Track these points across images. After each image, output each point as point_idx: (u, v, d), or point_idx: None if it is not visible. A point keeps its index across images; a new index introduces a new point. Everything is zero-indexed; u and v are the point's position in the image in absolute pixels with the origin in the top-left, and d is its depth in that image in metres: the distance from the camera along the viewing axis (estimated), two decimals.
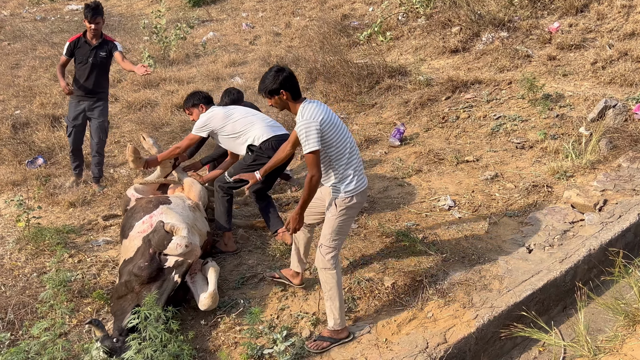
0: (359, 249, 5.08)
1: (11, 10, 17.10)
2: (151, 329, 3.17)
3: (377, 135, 7.29)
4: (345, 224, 4.12)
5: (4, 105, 9.45)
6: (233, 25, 13.33)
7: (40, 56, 11.98)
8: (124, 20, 14.95)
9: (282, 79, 3.86)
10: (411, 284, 4.58)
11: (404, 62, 9.34)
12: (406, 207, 5.60)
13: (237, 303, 4.66)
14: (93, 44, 6.47)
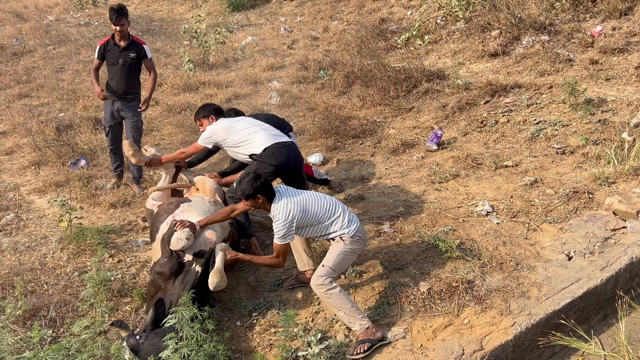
0: (394, 253, 5.05)
1: (56, 15, 17.58)
2: (188, 328, 3.22)
3: (414, 139, 7.24)
4: (351, 255, 4.40)
5: (48, 107, 9.72)
6: (271, 30, 13.42)
7: (84, 60, 12.27)
8: (165, 25, 15.20)
9: (259, 184, 4.25)
10: (447, 289, 4.53)
11: (442, 65, 9.27)
12: (443, 212, 5.55)
13: (272, 305, 4.69)
14: (122, 46, 6.63)
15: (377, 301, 4.54)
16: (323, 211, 4.34)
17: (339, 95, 9.16)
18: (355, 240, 4.34)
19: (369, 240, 5.28)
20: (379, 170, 6.70)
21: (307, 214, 4.29)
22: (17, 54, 13.26)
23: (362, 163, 6.99)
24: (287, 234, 4.25)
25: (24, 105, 9.91)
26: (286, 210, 4.24)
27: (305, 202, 4.32)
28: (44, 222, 6.24)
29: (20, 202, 6.73)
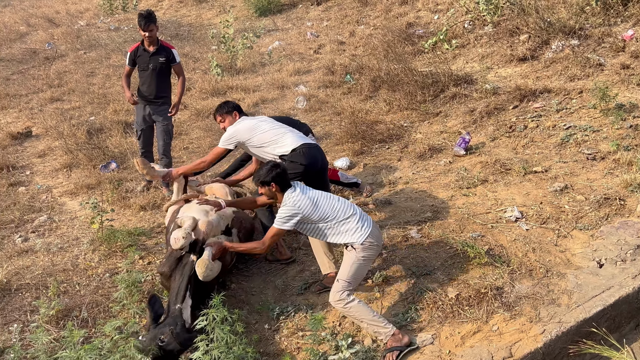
0: (422, 259, 5.04)
1: (87, 20, 17.88)
2: (218, 330, 3.26)
3: (441, 144, 7.22)
4: (365, 263, 4.34)
5: (79, 111, 9.89)
6: (298, 35, 13.48)
7: (114, 65, 12.46)
8: (193, 30, 15.36)
9: (275, 173, 4.37)
10: (476, 296, 4.51)
11: (469, 70, 9.22)
12: (471, 218, 5.52)
13: (299, 309, 4.72)
14: (151, 51, 6.74)
15: (404, 306, 4.53)
16: (334, 210, 4.35)
17: (365, 100, 9.17)
18: (366, 247, 4.29)
19: (396, 245, 5.28)
20: (405, 175, 6.69)
21: (317, 209, 4.32)
22: (49, 59, 13.52)
23: (389, 168, 6.98)
24: (287, 220, 4.31)
25: (56, 108, 10.10)
26: (296, 199, 4.33)
27: (318, 198, 4.39)
28: (75, 223, 6.35)
29: (53, 204, 6.86)
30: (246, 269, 5.40)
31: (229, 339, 3.45)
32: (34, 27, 17.23)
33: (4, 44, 15.37)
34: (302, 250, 5.53)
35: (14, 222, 6.43)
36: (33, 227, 6.35)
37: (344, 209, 4.38)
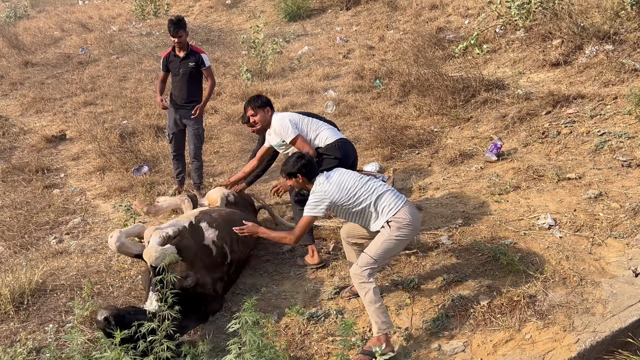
0: (453, 265, 5.00)
1: (119, 25, 18.18)
2: (250, 334, 3.27)
3: (472, 149, 7.16)
4: (397, 244, 4.27)
5: (112, 115, 10.05)
6: (327, 39, 13.53)
7: (146, 69, 12.65)
8: (223, 35, 15.51)
9: (301, 164, 4.43)
10: (508, 304, 4.45)
11: (501, 75, 9.14)
12: (503, 225, 5.46)
13: (329, 313, 4.71)
14: (181, 56, 6.87)
15: (435, 313, 4.50)
16: (363, 191, 4.33)
17: (395, 105, 9.15)
18: (401, 225, 4.22)
19: (427, 251, 5.25)
20: (436, 181, 6.65)
21: (345, 192, 4.32)
22: (82, 63, 13.78)
23: (419, 173, 6.95)
24: (315, 207, 4.33)
25: (89, 112, 10.28)
26: (323, 185, 4.36)
27: (345, 181, 4.38)
28: (108, 226, 6.45)
29: (86, 207, 6.98)
30: (276, 272, 5.42)
31: (260, 343, 3.46)
32: (67, 32, 17.59)
33: (39, 49, 15.71)
34: (331, 255, 5.52)
35: (48, 224, 6.56)
36: (67, 229, 6.47)
37: (374, 187, 4.37)
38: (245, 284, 5.25)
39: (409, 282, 4.82)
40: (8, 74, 13.35)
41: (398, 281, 4.90)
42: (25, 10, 23.42)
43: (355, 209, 4.34)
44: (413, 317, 4.52)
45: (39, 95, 11.49)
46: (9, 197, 7.23)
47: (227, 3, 18.64)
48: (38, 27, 18.88)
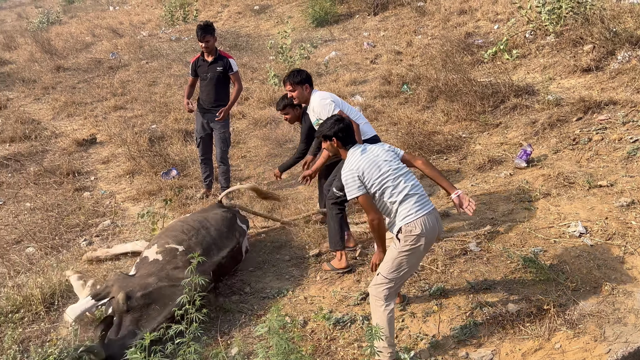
0: (481, 272, 4.95)
1: (149, 31, 18.42)
2: (277, 338, 3.27)
3: (501, 156, 7.08)
4: (408, 259, 3.99)
5: (142, 119, 10.18)
6: (354, 45, 13.53)
7: (175, 74, 12.79)
8: (251, 41, 15.61)
9: (338, 128, 4.20)
10: (537, 312, 4.39)
11: (531, 80, 9.04)
12: (533, 232, 5.39)
13: (355, 319, 4.69)
14: (209, 61, 6.93)
15: (463, 321, 4.45)
16: (391, 179, 4.05)
17: (422, 110, 9.10)
18: (410, 235, 3.92)
19: (455, 258, 5.20)
20: (464, 187, 6.59)
21: (377, 173, 4.05)
22: (113, 68, 13.99)
23: (447, 179, 6.89)
24: (353, 186, 4.06)
25: (119, 116, 10.43)
26: (355, 157, 4.14)
27: (378, 157, 4.13)
28: (137, 229, 6.52)
29: (116, 209, 7.07)
30: (303, 277, 5.42)
31: (287, 347, 3.46)
32: (98, 38, 17.87)
33: (70, 54, 16.00)
34: (357, 261, 5.51)
35: (79, 226, 6.66)
36: (97, 231, 6.56)
37: (404, 186, 4.05)
38: (271, 288, 5.26)
39: (436, 288, 4.78)
40: (40, 79, 13.61)
41: (425, 288, 4.86)
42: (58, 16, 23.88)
43: (377, 197, 4.07)
44: (440, 325, 4.48)
45: (71, 99, 11.69)
46: (41, 200, 7.36)
47: (255, 9, 18.77)
48: (70, 33, 19.22)
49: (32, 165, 8.54)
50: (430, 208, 4.08)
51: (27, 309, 4.93)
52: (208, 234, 5.15)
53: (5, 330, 4.63)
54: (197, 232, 5.13)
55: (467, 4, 13.69)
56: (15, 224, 6.76)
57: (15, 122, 10.41)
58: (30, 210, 7.13)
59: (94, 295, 4.68)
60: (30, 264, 5.79)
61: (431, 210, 4.07)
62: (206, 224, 5.27)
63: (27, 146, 9.43)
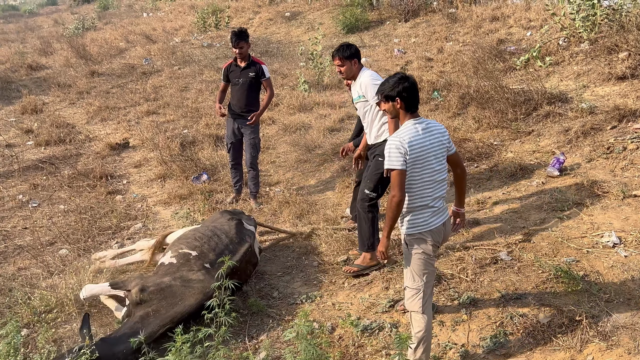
0: (512, 282, 4.89)
1: (182, 37, 18.67)
2: (305, 344, 3.28)
3: (533, 164, 6.99)
4: (424, 261, 3.92)
5: (174, 124, 10.31)
6: (385, 51, 13.50)
7: (206, 80, 12.93)
8: (282, 47, 15.71)
9: (403, 87, 3.81)
10: (569, 323, 4.32)
11: (564, 88, 8.91)
12: (565, 242, 5.30)
13: (383, 327, 4.67)
14: (242, 66, 6.98)
15: (493, 330, 4.40)
16: (431, 175, 3.85)
17: (453, 117, 9.04)
18: (413, 239, 3.88)
19: (485, 267, 5.14)
20: (495, 195, 6.52)
21: (421, 155, 3.79)
22: (146, 74, 14.21)
23: (478, 187, 6.84)
24: (396, 157, 3.74)
25: (152, 121, 10.58)
26: (412, 134, 3.79)
27: (432, 146, 3.84)
28: None
29: (147, 213, 7.17)
30: (331, 283, 5.42)
31: (315, 353, 3.46)
32: (132, 44, 18.17)
33: (104, 59, 16.29)
34: (386, 268, 5.48)
35: (111, 229, 6.76)
36: (129, 234, 6.65)
37: (438, 192, 3.90)
38: (300, 294, 5.28)
39: (465, 297, 4.74)
40: (75, 83, 13.89)
41: (454, 296, 4.82)
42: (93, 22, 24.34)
43: (409, 200, 3.86)
44: (470, 334, 4.43)
45: (104, 104, 11.90)
46: (74, 202, 7.50)
47: (286, 15, 18.89)
48: (104, 39, 19.59)
49: (66, 169, 8.71)
50: (446, 219, 4.01)
51: (60, 309, 5.02)
52: (220, 241, 5.27)
53: (38, 329, 4.72)
54: (210, 239, 5.26)
55: (499, 10, 13.57)
56: (49, 225, 6.89)
57: (50, 126, 10.64)
58: (64, 213, 7.26)
59: (112, 284, 4.97)
60: (64, 265, 5.89)
61: (445, 220, 4.01)
62: (217, 231, 5.40)
63: (61, 149, 9.62)
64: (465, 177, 4.24)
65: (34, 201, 7.67)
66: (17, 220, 7.15)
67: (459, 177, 4.17)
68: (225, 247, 5.18)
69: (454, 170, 4.12)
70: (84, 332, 4.27)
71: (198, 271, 4.88)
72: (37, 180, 8.31)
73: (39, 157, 9.29)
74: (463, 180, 4.20)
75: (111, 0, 34.03)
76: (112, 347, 4.16)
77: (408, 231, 3.92)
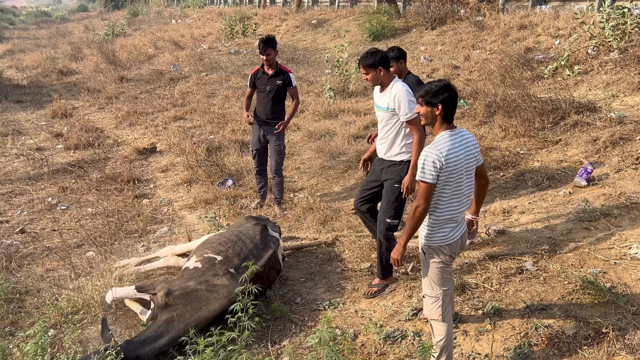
0: (537, 292, 4.83)
1: (209, 44, 18.87)
2: (328, 350, 3.28)
3: (560, 173, 6.91)
4: (442, 270, 3.90)
5: (200, 130, 10.42)
6: (411, 59, 13.48)
7: (233, 86, 13.05)
8: (308, 54, 15.79)
9: (447, 95, 3.73)
10: (595, 335, 4.25)
11: (593, 97, 8.80)
12: (592, 253, 5.22)
13: (406, 335, 4.65)
14: (269, 74, 6.99)
15: (518, 341, 4.35)
16: (464, 187, 3.79)
17: (479, 125, 8.99)
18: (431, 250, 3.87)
19: (510, 277, 5.09)
20: (521, 205, 6.46)
21: (453, 171, 3.71)
22: (173, 80, 14.39)
23: (504, 196, 6.78)
24: (429, 169, 3.66)
25: (179, 127, 10.70)
26: (450, 145, 3.71)
27: (468, 159, 3.79)
28: (194, 236, 6.65)
29: (173, 217, 7.24)
30: (354, 290, 5.42)
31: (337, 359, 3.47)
32: (161, 50, 18.43)
33: (133, 65, 16.54)
34: (409, 276, 5.46)
35: (137, 232, 6.84)
36: (155, 237, 6.72)
37: (462, 207, 3.86)
38: (322, 300, 5.28)
39: (490, 307, 4.69)
40: (105, 89, 14.12)
41: (478, 306, 4.78)
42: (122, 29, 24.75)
43: (435, 197, 3.79)
44: (494, 344, 4.39)
45: (133, 109, 12.08)
46: (102, 205, 7.61)
47: (313, 23, 18.98)
48: (133, 45, 19.89)
49: (94, 172, 8.85)
50: (463, 231, 4.00)
51: (87, 311, 5.09)
52: (244, 246, 5.28)
53: (65, 330, 4.79)
54: (234, 244, 5.28)
55: (527, 19, 13.47)
56: (77, 228, 7.00)
57: (79, 130, 10.83)
58: (92, 216, 7.37)
59: (138, 287, 5.02)
60: (90, 267, 5.98)
61: (463, 233, 3.99)
62: (241, 236, 5.42)
63: (90, 153, 9.78)
64: (487, 187, 4.21)
65: (62, 204, 7.80)
66: (45, 222, 7.28)
67: (482, 188, 4.13)
68: (249, 253, 5.21)
69: (478, 180, 4.05)
70: (108, 334, 4.33)
71: (223, 276, 4.91)
72: (66, 183, 8.45)
73: (68, 161, 9.46)
74: (485, 191, 4.18)
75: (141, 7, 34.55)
76: (136, 349, 4.21)
77: (427, 242, 3.90)
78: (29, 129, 11.51)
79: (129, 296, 5.07)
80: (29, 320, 4.91)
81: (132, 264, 5.94)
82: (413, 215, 3.76)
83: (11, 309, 5.17)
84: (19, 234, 6.89)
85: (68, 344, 4.23)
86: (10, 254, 6.27)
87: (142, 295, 4.99)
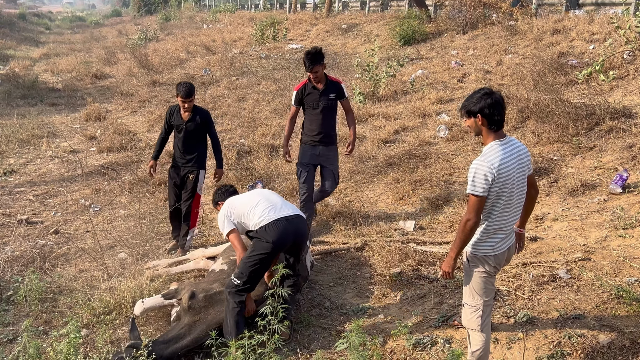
0: (570, 301, 4.75)
1: (240, 48, 19.02)
2: (357, 355, 3.27)
3: (595, 180, 6.79)
4: (485, 280, 3.83)
5: (231, 134, 10.49)
6: (442, 63, 13.39)
7: (263, 91, 13.12)
8: (338, 59, 15.79)
9: (485, 103, 3.62)
10: (630, 346, 4.16)
11: (628, 103, 8.62)
12: (627, 261, 5.11)
13: (436, 342, 4.61)
14: (320, 89, 6.36)
15: (550, 350, 4.27)
16: (515, 197, 3.70)
17: (511, 131, 8.88)
18: (478, 260, 3.79)
19: (543, 285, 5.01)
20: (554, 211, 6.36)
21: (507, 179, 3.61)
22: (205, 84, 14.53)
23: (536, 202, 6.66)
24: (480, 183, 3.55)
25: None
26: (489, 153, 3.62)
27: (522, 168, 3.70)
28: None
29: (203, 219, 7.29)
30: (383, 296, 5.39)
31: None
32: (192, 54, 18.64)
33: (165, 69, 16.75)
34: (439, 282, 5.42)
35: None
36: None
37: (512, 217, 3.77)
38: (351, 305, 5.27)
39: (522, 315, 4.63)
40: (137, 92, 14.32)
41: (510, 314, 4.72)
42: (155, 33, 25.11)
43: (487, 209, 3.71)
44: (525, 352, 4.32)
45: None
46: (134, 207, 7.71)
47: (343, 27, 18.99)
48: (166, 49, 20.16)
49: (127, 175, 8.97)
50: (511, 243, 3.92)
51: (118, 311, 5.16)
52: None
53: (97, 330, 4.86)
54: None
55: (561, 23, 13.26)
56: (109, 229, 7.11)
57: (113, 133, 11.00)
58: (124, 217, 7.48)
59: (164, 294, 5.06)
60: (122, 268, 6.06)
61: (511, 245, 3.92)
62: None
63: (123, 156, 9.92)
64: (536, 198, 4.11)
65: (95, 205, 7.93)
66: (79, 223, 7.40)
67: (531, 198, 4.01)
68: None
69: (528, 191, 3.92)
70: (136, 333, 4.39)
71: None
72: (99, 185, 8.59)
73: (101, 163, 9.61)
74: (534, 202, 4.09)
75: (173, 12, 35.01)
76: (160, 350, 4.27)
77: (473, 251, 3.84)
78: (63, 131, 11.74)
79: (157, 305, 5.08)
80: (62, 320, 5.00)
81: (162, 265, 6.00)
82: (463, 228, 3.68)
83: (45, 308, 5.27)
84: (53, 234, 7.02)
85: (100, 344, 4.29)
86: (45, 254, 6.39)
87: (170, 302, 5.02)
